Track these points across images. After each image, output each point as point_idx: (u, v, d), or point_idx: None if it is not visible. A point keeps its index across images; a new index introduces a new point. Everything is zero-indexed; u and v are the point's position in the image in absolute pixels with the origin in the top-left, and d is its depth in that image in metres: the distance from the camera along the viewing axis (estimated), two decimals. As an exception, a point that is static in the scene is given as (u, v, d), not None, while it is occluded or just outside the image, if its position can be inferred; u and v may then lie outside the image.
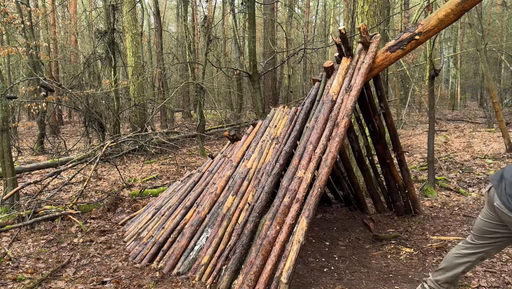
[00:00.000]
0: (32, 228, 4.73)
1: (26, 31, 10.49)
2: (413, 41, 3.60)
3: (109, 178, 7.73)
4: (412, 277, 3.38)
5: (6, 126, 5.21)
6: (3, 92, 5.15)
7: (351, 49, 3.86)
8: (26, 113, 19.50)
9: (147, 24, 20.01)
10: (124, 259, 3.89)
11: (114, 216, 5.35)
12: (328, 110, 3.56)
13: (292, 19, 19.79)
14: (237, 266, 3.17)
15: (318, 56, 19.78)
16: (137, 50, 11.59)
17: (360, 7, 5.39)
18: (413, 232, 4.40)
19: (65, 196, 6.30)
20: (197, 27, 20.63)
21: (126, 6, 11.16)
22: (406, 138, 10.73)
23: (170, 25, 31.95)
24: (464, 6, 3.37)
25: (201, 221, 3.82)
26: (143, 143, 8.47)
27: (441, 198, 5.57)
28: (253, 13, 9.58)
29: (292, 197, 3.19)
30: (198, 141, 10.53)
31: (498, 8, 23.58)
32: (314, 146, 3.39)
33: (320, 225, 4.78)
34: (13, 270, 3.61)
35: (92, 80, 10.90)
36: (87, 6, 21.02)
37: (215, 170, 4.43)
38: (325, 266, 3.68)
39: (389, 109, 4.35)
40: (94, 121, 8.96)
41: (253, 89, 9.86)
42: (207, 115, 19.17)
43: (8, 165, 5.25)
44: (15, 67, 18.01)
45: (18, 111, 13.85)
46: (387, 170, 4.62)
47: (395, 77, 14.46)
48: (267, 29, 16.07)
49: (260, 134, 4.30)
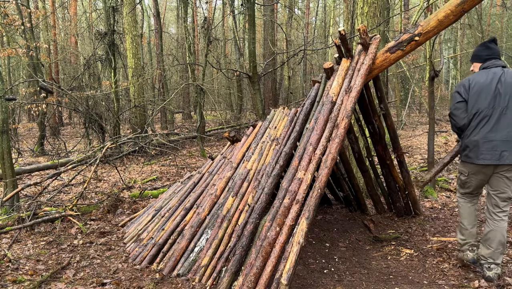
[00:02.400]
0: (32, 229, 4.73)
1: (26, 33, 10.50)
2: (412, 42, 3.60)
3: (109, 179, 7.73)
4: (412, 278, 3.37)
5: (6, 127, 5.21)
6: (3, 94, 5.16)
7: (351, 50, 3.86)
8: (26, 115, 19.52)
9: (147, 26, 20.04)
10: (124, 260, 3.88)
11: (114, 217, 5.34)
12: (328, 111, 3.56)
13: (292, 20, 19.82)
14: (237, 268, 3.17)
15: (318, 58, 19.79)
16: (137, 52, 11.60)
17: (360, 8, 5.39)
18: (413, 233, 4.39)
19: (65, 198, 6.30)
20: (197, 28, 20.65)
21: (126, 8, 11.17)
22: (406, 139, 10.73)
23: (170, 27, 31.99)
24: (463, 7, 3.37)
25: (201, 223, 3.81)
26: (143, 144, 8.47)
27: (441, 199, 5.57)
28: (253, 15, 9.59)
29: (292, 198, 3.19)
30: (198, 142, 10.53)
31: (498, 9, 23.60)
32: (314, 147, 3.39)
33: (320, 226, 4.78)
34: (13, 272, 3.61)
35: (92, 82, 10.92)
36: (87, 7, 21.05)
37: (215, 171, 4.43)
38: (325, 267, 3.67)
39: (389, 110, 4.35)
40: (94, 123, 8.97)
41: (253, 91, 9.87)
42: (207, 117, 19.19)
43: (8, 166, 5.25)
44: (15, 69, 18.03)
45: (19, 112, 13.86)
46: (387, 171, 4.62)
47: (395, 78, 14.46)
48: (267, 30, 16.08)
49: (260, 136, 4.30)
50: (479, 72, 3.30)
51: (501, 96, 3.12)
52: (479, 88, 3.18)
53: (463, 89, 3.26)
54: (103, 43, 10.21)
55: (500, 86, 3.13)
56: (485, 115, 3.15)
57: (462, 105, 3.26)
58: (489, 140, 3.12)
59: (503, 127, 3.10)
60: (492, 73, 3.20)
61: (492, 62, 3.27)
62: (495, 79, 3.16)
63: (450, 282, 3.24)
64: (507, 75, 3.16)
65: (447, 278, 3.32)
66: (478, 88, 3.18)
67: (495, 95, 3.13)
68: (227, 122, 14.44)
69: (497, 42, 3.39)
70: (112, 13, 10.12)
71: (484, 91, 3.16)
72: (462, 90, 3.26)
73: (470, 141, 3.23)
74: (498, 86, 3.14)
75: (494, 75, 3.18)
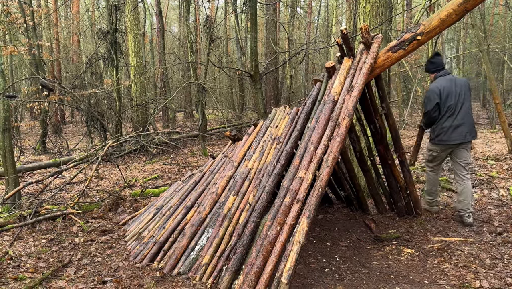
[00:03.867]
0: (33, 227, 4.74)
1: (28, 31, 10.52)
2: (415, 42, 3.59)
3: (110, 177, 7.74)
4: (413, 278, 3.37)
5: (8, 125, 5.23)
6: (4, 91, 5.17)
7: (353, 50, 3.85)
8: (28, 113, 19.57)
9: (149, 24, 20.02)
10: (125, 258, 3.89)
11: (115, 215, 5.35)
12: (329, 110, 3.55)
13: (294, 19, 19.79)
14: (237, 266, 3.17)
15: (320, 57, 19.76)
16: (139, 50, 11.61)
17: (362, 7, 5.38)
18: (414, 233, 4.38)
19: (66, 196, 6.31)
20: (199, 27, 20.66)
21: (128, 6, 11.18)
22: (408, 139, 10.71)
23: (172, 25, 31.99)
24: (466, 7, 3.36)
25: (202, 221, 3.82)
26: (144, 143, 8.48)
27: (443, 199, 5.55)
28: (255, 13, 9.58)
29: (293, 197, 3.19)
30: (200, 141, 10.54)
31: (501, 8, 23.52)
32: (315, 146, 3.39)
33: (321, 226, 4.78)
34: (14, 269, 3.62)
35: (94, 80, 10.92)
36: (90, 6, 21.07)
37: (216, 170, 4.43)
38: (326, 267, 3.67)
39: (390, 110, 4.34)
40: (96, 121, 8.98)
41: (254, 90, 9.86)
42: (209, 116, 19.19)
43: (10, 164, 5.27)
44: (17, 67, 18.06)
45: (21, 111, 13.89)
46: (388, 171, 4.61)
47: (397, 77, 14.43)
48: (269, 29, 16.07)
49: (262, 135, 4.29)
50: (442, 80, 4.47)
51: (458, 95, 4.37)
52: (447, 91, 4.38)
53: (437, 95, 4.39)
54: (105, 41, 10.22)
55: (456, 88, 4.39)
56: (452, 109, 4.37)
57: (437, 106, 4.41)
58: (456, 126, 4.36)
59: (462, 116, 4.37)
60: (449, 79, 4.43)
61: (444, 71, 4.53)
62: (453, 83, 4.41)
63: (451, 282, 3.23)
64: (457, 80, 4.45)
65: (448, 278, 3.31)
66: (447, 92, 4.38)
67: (456, 95, 4.37)
68: (229, 121, 14.44)
69: (440, 54, 4.60)
70: (114, 11, 10.13)
71: (451, 93, 4.38)
72: (436, 96, 4.39)
73: (443, 127, 4.42)
74: (456, 89, 4.39)
75: (451, 81, 4.42)
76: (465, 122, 4.37)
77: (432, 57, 4.63)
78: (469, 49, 19.10)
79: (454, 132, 4.38)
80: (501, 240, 4.02)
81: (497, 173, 6.61)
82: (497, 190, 5.77)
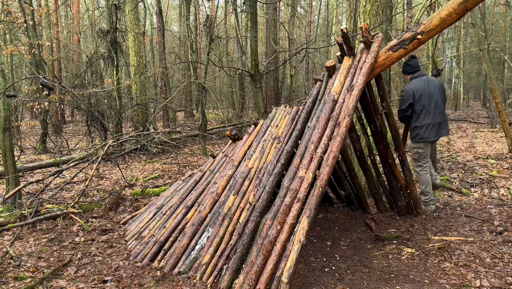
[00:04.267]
0: (34, 226, 4.74)
1: (29, 31, 10.52)
2: (415, 41, 3.59)
3: (111, 177, 7.75)
4: (413, 277, 3.37)
5: (8, 125, 5.23)
6: (4, 91, 5.17)
7: (353, 49, 3.85)
8: (28, 113, 19.57)
9: (149, 24, 20.03)
10: (125, 258, 3.89)
11: (115, 215, 5.35)
12: (329, 109, 3.55)
13: (294, 18, 19.76)
14: (238, 266, 3.17)
15: (320, 56, 19.74)
16: (139, 50, 11.61)
17: (362, 6, 5.37)
18: (414, 232, 4.38)
19: (67, 195, 6.32)
20: (199, 26, 20.65)
21: (128, 6, 11.17)
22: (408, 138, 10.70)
23: (173, 25, 31.99)
24: (466, 6, 3.35)
25: (202, 220, 3.82)
26: (145, 142, 8.48)
27: (443, 198, 5.56)
28: (255, 13, 9.56)
29: (293, 196, 3.19)
30: (200, 141, 10.54)
31: (502, 8, 23.48)
32: (316, 146, 3.39)
33: (322, 225, 4.78)
34: (15, 269, 3.62)
35: (95, 80, 10.93)
36: (90, 5, 21.06)
37: (217, 169, 4.43)
38: (326, 266, 3.67)
39: (391, 109, 4.34)
40: (96, 121, 8.98)
41: (255, 89, 9.85)
42: (209, 115, 19.19)
43: (10, 163, 5.27)
44: (18, 67, 18.06)
45: (21, 110, 13.89)
46: (389, 170, 4.61)
47: (397, 77, 14.42)
48: (269, 28, 16.04)
49: (262, 134, 4.29)
50: (416, 81, 4.76)
51: (431, 95, 4.69)
52: (421, 92, 4.69)
53: (410, 96, 4.70)
54: (106, 41, 10.22)
55: (430, 88, 4.70)
56: (427, 109, 4.68)
57: (410, 106, 4.74)
58: (432, 124, 4.70)
59: (436, 115, 4.70)
60: (423, 80, 4.74)
61: (419, 73, 4.83)
62: (426, 84, 4.72)
63: (451, 281, 3.23)
64: (430, 81, 4.76)
65: (448, 277, 3.31)
66: (420, 92, 4.69)
67: (429, 95, 4.68)
68: (229, 121, 14.44)
69: (416, 57, 4.93)
70: (114, 11, 10.13)
71: (424, 93, 4.69)
72: (410, 97, 4.70)
73: (420, 125, 4.74)
74: (430, 89, 4.70)
75: (425, 82, 4.73)
76: (439, 120, 4.72)
77: (408, 59, 4.87)
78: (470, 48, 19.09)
79: (431, 130, 4.72)
80: (501, 239, 4.02)
81: (497, 172, 6.61)
82: (497, 189, 5.77)
